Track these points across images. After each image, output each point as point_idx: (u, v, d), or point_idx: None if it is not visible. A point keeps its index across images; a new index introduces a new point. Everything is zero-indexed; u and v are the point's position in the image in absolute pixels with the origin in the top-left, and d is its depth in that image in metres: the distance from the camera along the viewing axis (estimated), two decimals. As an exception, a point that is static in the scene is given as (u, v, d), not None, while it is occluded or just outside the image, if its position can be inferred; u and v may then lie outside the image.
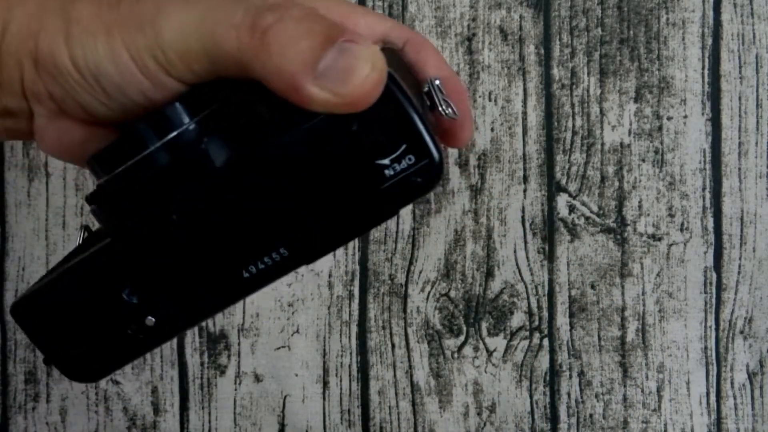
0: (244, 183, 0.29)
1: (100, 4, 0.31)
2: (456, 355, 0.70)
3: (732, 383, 0.70)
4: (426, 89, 0.32)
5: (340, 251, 0.69)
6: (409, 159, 0.28)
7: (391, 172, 0.29)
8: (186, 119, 0.29)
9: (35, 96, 0.32)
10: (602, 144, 0.70)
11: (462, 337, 0.70)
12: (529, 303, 0.70)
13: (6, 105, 0.33)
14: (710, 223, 0.70)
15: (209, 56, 0.29)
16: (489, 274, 0.70)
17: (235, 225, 0.30)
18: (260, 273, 0.31)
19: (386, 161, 0.29)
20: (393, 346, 0.70)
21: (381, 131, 0.28)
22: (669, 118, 0.70)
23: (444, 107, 0.31)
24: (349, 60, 0.27)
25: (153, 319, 0.32)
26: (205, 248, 0.30)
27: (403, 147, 0.28)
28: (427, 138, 0.28)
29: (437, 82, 0.32)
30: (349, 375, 0.70)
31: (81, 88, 0.31)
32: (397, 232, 0.70)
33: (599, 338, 0.70)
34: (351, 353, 0.70)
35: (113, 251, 0.31)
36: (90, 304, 0.32)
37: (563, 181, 0.70)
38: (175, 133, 0.29)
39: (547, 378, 0.70)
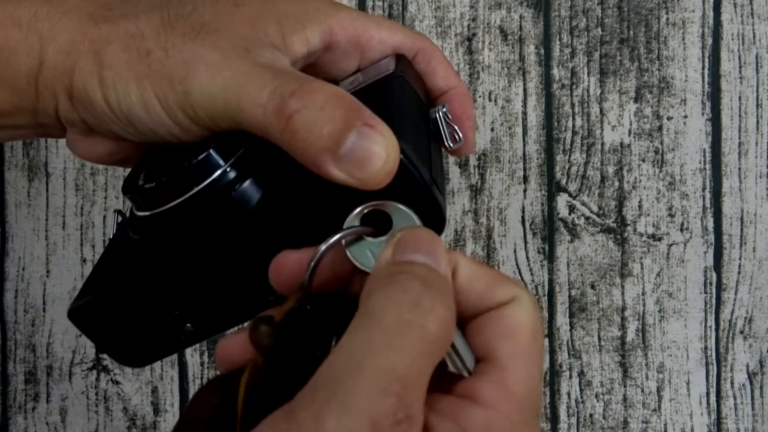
0: (276, 220, 0.32)
1: (130, 53, 0.33)
2: (456, 355, 0.70)
3: (732, 383, 0.70)
4: (433, 117, 0.35)
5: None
6: (410, 193, 0.31)
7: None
8: (222, 162, 0.32)
9: (68, 121, 0.35)
10: (602, 144, 0.70)
11: (462, 337, 0.70)
12: (529, 303, 0.70)
13: (41, 122, 0.36)
14: (710, 223, 0.70)
15: (236, 122, 0.31)
16: (489, 274, 0.70)
17: (268, 252, 0.32)
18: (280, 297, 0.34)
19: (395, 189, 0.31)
20: (393, 346, 0.70)
21: (397, 192, 0.30)
22: (669, 118, 0.70)
23: (449, 142, 0.35)
24: (366, 147, 0.29)
25: (191, 326, 0.35)
26: (241, 277, 0.34)
27: (403, 181, 0.31)
28: (435, 201, 0.31)
29: (444, 110, 0.35)
30: (349, 375, 0.70)
31: (113, 122, 0.34)
32: (397, 232, 0.70)
33: (599, 338, 0.70)
34: (351, 353, 0.70)
35: (157, 275, 0.34)
36: (138, 312, 0.35)
37: (563, 181, 0.70)
38: (213, 177, 0.32)
39: (547, 378, 0.70)
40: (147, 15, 0.34)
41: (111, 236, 0.38)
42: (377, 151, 0.29)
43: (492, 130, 0.70)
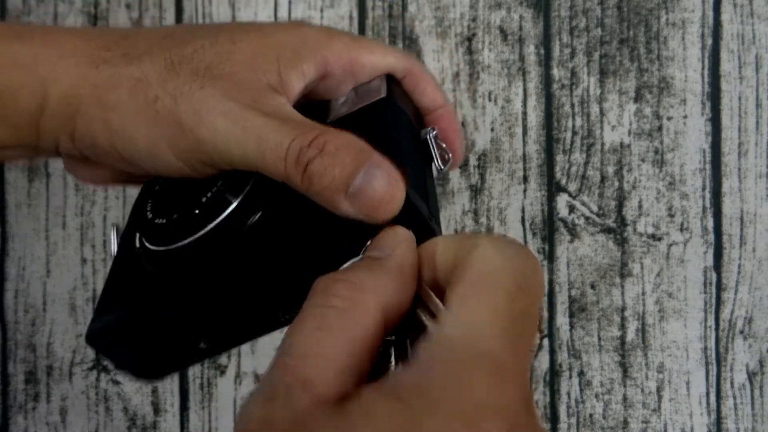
0: (286, 247, 0.34)
1: (137, 99, 0.34)
2: (456, 355, 0.70)
3: (732, 383, 0.70)
4: (423, 138, 0.38)
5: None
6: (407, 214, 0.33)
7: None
8: (232, 199, 0.34)
9: (70, 156, 0.36)
10: (602, 144, 0.70)
11: (462, 337, 0.70)
12: (529, 303, 0.70)
13: (42, 154, 0.37)
14: (710, 223, 0.70)
15: (254, 167, 0.33)
16: (489, 274, 0.70)
17: (281, 282, 0.34)
18: (289, 311, 0.35)
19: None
20: (393, 346, 0.70)
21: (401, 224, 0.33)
22: (669, 118, 0.70)
23: (440, 163, 0.37)
24: (373, 186, 0.32)
25: (204, 346, 0.37)
26: (255, 302, 0.35)
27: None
28: (433, 233, 0.33)
29: (434, 132, 0.38)
30: (349, 375, 0.70)
31: (117, 162, 0.35)
32: (397, 232, 0.70)
33: (599, 338, 0.70)
34: (351, 353, 0.70)
35: (174, 303, 0.36)
36: (155, 334, 0.37)
37: (563, 181, 0.70)
38: (224, 215, 0.34)
39: (547, 378, 0.70)
40: (150, 58, 0.35)
41: (114, 252, 0.39)
42: (383, 189, 0.32)
43: (492, 130, 0.70)
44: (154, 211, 0.36)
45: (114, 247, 0.39)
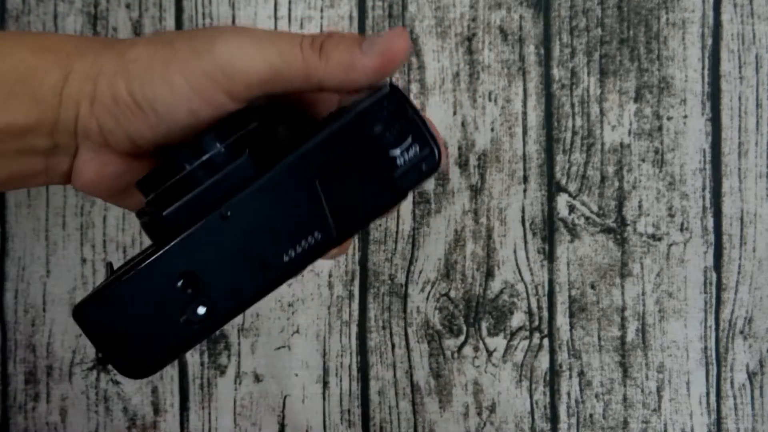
0: (281, 184, 0.36)
1: (155, 45, 0.36)
2: (456, 355, 0.70)
3: (732, 383, 0.70)
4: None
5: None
6: (415, 149, 0.36)
7: (402, 161, 0.36)
8: (217, 144, 0.36)
9: (85, 132, 0.37)
10: (602, 144, 0.70)
11: (462, 337, 0.70)
12: (529, 303, 0.70)
13: (57, 142, 0.37)
14: (710, 223, 0.70)
15: (274, 74, 0.36)
16: (489, 274, 0.70)
17: (275, 218, 0.36)
18: (298, 256, 0.36)
19: (397, 152, 0.36)
20: (393, 346, 0.70)
21: (391, 128, 0.36)
22: (669, 118, 0.70)
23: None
24: (382, 34, 0.36)
25: (204, 308, 0.36)
26: (251, 238, 0.36)
27: (410, 138, 0.36)
28: (425, 131, 0.36)
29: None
30: (349, 375, 0.70)
31: (133, 115, 0.36)
32: (397, 232, 0.70)
33: (599, 338, 0.70)
34: (351, 353, 0.70)
35: (165, 254, 0.36)
36: (147, 300, 0.36)
37: (563, 181, 0.70)
38: (209, 155, 0.35)
39: (547, 378, 0.70)
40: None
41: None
42: (392, 31, 0.36)
43: (492, 130, 0.70)
44: (149, 200, 0.37)
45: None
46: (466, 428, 0.70)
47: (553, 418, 0.70)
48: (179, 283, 0.36)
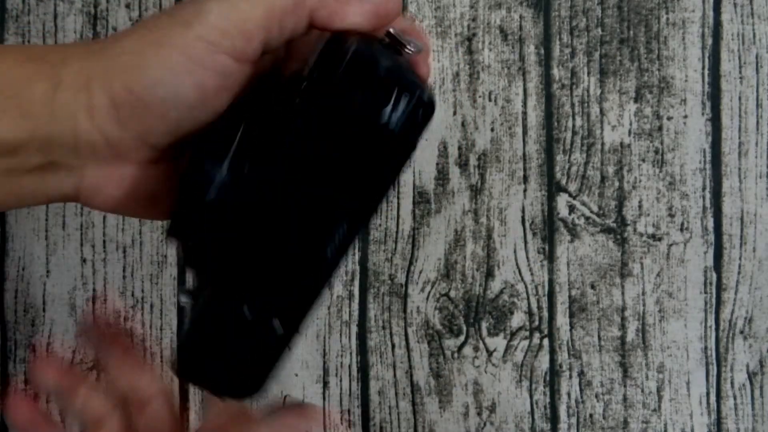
0: (292, 183, 0.34)
1: (141, 31, 0.34)
2: (456, 355, 0.70)
3: (732, 383, 0.70)
4: (387, 34, 0.37)
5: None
6: (405, 97, 0.34)
7: (398, 114, 0.34)
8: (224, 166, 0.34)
9: (90, 148, 0.34)
10: (602, 144, 0.70)
11: (462, 337, 0.70)
12: (529, 303, 0.70)
13: (53, 159, 0.35)
14: (710, 223, 0.70)
15: (267, 9, 0.34)
16: (489, 274, 0.70)
17: (301, 216, 0.35)
18: (337, 248, 0.36)
19: (389, 107, 0.34)
20: (393, 346, 0.70)
21: (375, 89, 0.34)
22: (669, 118, 0.70)
23: (410, 46, 0.36)
24: None
25: (277, 320, 0.36)
26: (290, 243, 0.35)
27: (396, 90, 0.34)
28: (409, 75, 0.34)
29: (391, 30, 0.37)
30: (349, 375, 0.70)
31: (138, 113, 0.34)
32: (397, 232, 0.70)
33: (599, 338, 0.70)
34: (351, 353, 0.70)
35: (219, 287, 0.36)
36: (226, 334, 0.37)
37: (563, 181, 0.70)
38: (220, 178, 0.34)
39: (547, 378, 0.70)
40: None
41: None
42: None
43: (492, 130, 0.70)
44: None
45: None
46: (466, 428, 0.70)
47: (553, 418, 0.70)
48: (245, 311, 0.36)
